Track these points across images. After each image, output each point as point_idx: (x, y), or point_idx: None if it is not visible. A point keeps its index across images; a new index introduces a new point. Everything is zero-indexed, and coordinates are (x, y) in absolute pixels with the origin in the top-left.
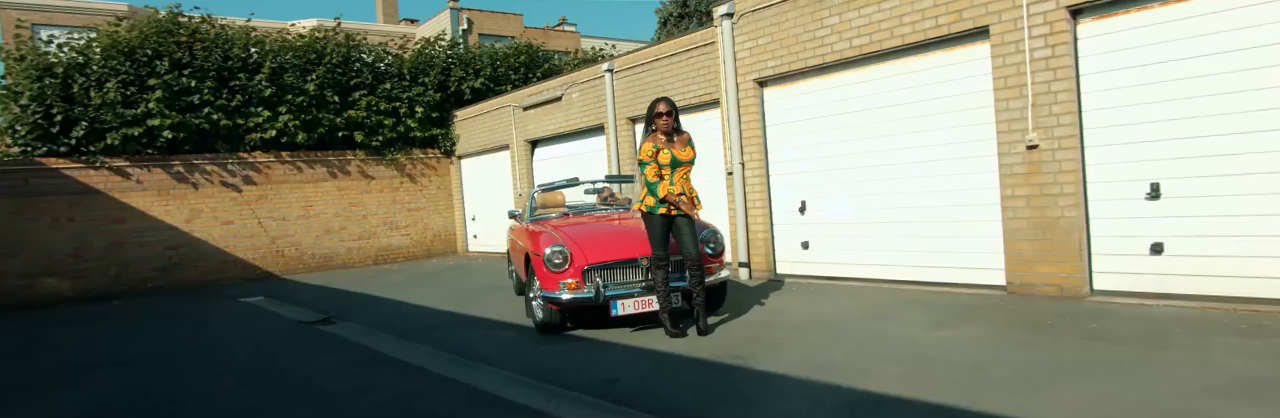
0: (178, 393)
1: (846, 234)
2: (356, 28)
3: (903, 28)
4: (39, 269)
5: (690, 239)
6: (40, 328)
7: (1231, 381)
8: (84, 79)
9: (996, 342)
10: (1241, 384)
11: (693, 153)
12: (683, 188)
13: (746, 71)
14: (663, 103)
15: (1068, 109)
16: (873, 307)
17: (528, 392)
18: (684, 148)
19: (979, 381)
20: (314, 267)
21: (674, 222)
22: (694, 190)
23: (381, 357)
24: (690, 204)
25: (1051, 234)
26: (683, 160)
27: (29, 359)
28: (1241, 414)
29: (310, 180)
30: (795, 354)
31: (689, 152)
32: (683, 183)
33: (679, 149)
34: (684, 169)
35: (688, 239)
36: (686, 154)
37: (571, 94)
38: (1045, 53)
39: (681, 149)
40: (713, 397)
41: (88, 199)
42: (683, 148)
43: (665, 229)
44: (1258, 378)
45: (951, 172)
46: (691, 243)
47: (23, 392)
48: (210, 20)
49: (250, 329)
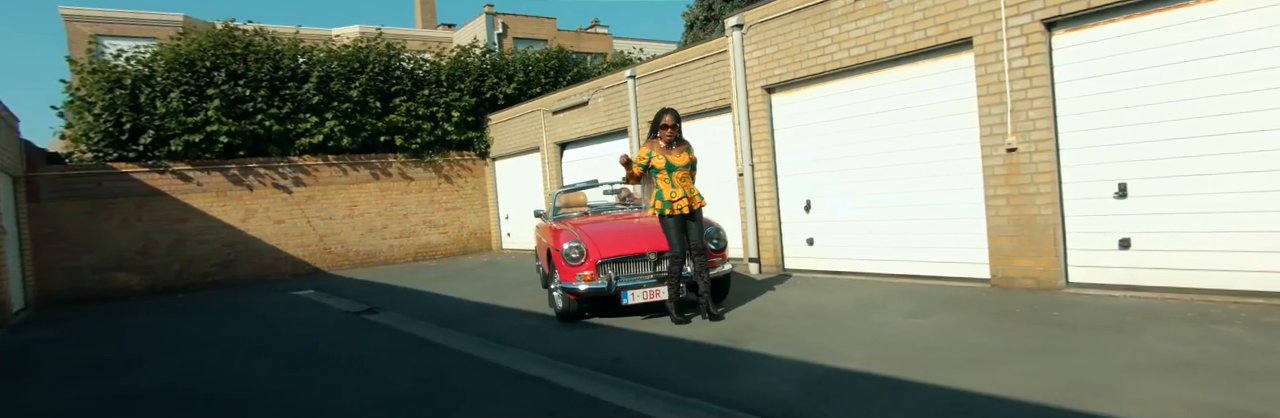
0: (238, 372)
1: (848, 231)
2: (396, 33)
3: (895, 39)
4: (111, 265)
5: (696, 234)
6: (116, 318)
7: (1152, 360)
8: (150, 90)
9: (962, 328)
10: (1159, 363)
11: (688, 158)
12: (685, 190)
13: (756, 79)
14: (668, 115)
15: (1043, 115)
16: (864, 298)
17: (545, 369)
18: (680, 154)
19: (933, 360)
20: (358, 263)
21: (687, 218)
22: (694, 190)
23: (420, 341)
24: (684, 204)
25: (1029, 231)
26: (677, 165)
27: (109, 345)
28: (1146, 387)
29: (354, 182)
30: (781, 338)
31: (684, 157)
32: (683, 184)
33: (674, 155)
34: (680, 173)
35: (693, 234)
36: (681, 159)
37: (597, 99)
38: (1022, 63)
39: (678, 155)
40: (699, 371)
41: (154, 201)
42: (679, 154)
43: (680, 227)
44: (1176, 358)
45: (941, 172)
46: (697, 236)
47: (105, 371)
48: (262, 32)
49: (302, 318)
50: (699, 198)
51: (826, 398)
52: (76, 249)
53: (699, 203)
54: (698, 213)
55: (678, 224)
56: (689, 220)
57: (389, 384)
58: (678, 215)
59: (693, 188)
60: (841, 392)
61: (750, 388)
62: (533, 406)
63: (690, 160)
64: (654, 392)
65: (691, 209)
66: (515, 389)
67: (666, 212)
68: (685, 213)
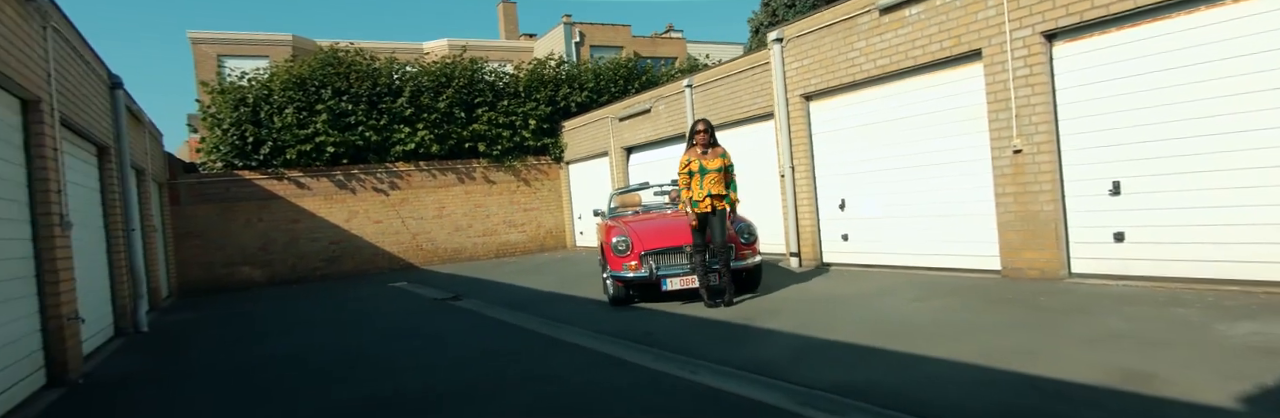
0: (345, 342)
1: (878, 228)
2: (480, 45)
3: (915, 50)
4: (237, 260)
5: (718, 231)
6: (244, 303)
7: (1093, 334)
8: (268, 107)
9: (952, 310)
10: (1096, 336)
11: (721, 162)
12: (709, 190)
13: (794, 88)
14: (701, 123)
15: (1045, 119)
16: (881, 287)
17: (588, 340)
18: (713, 159)
19: (911, 334)
20: (446, 259)
21: (709, 217)
22: (722, 190)
23: (493, 321)
24: (707, 204)
25: (1033, 226)
26: (709, 169)
27: (242, 323)
28: (1068, 353)
29: (442, 185)
30: (790, 318)
31: (716, 161)
32: (711, 186)
33: (708, 160)
34: (712, 176)
35: (717, 231)
36: (713, 164)
37: (658, 106)
38: (1025, 72)
39: (711, 160)
40: (713, 342)
41: (272, 204)
42: (712, 159)
43: (702, 224)
44: (1113, 332)
45: (958, 173)
46: (719, 233)
47: (244, 342)
48: (361, 53)
49: (397, 304)
50: (723, 201)
51: (805, 360)
52: (209, 246)
53: (722, 205)
54: (721, 213)
55: (700, 222)
56: (712, 219)
57: (462, 349)
58: (702, 214)
59: (721, 189)
60: (819, 356)
61: (749, 353)
62: (571, 363)
63: (722, 165)
64: (670, 356)
65: (714, 209)
66: (560, 353)
67: (697, 210)
68: (709, 212)
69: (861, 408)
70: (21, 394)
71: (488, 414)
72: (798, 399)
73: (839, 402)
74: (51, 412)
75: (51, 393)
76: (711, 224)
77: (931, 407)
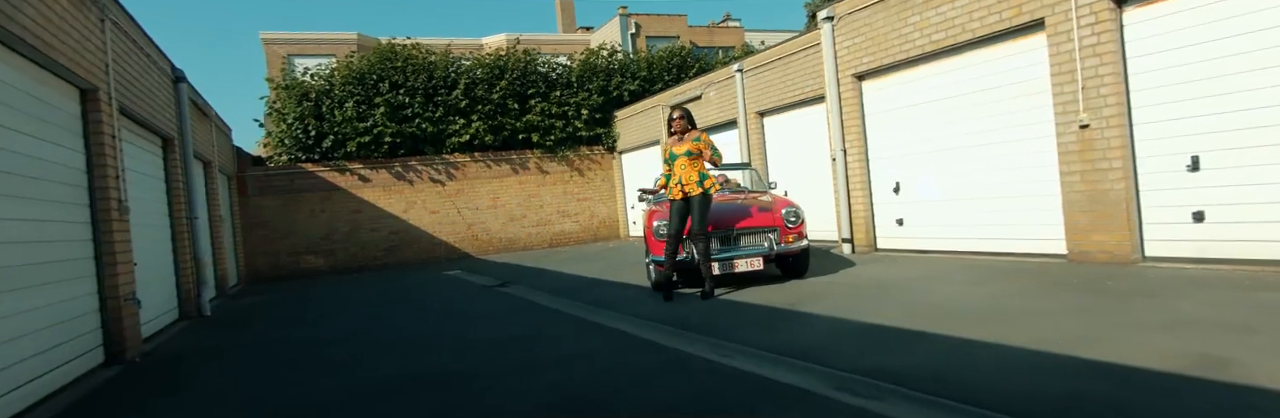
0: (399, 324)
1: (935, 211)
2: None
3: (972, 23)
4: (302, 249)
5: (698, 216)
6: (307, 289)
7: (1164, 319)
8: (329, 101)
9: (1008, 295)
10: (1167, 321)
11: (689, 146)
12: (680, 176)
13: (846, 67)
14: (676, 110)
15: (1114, 91)
16: (935, 272)
17: (626, 324)
18: (684, 143)
19: (961, 318)
20: (500, 249)
21: (689, 203)
22: (693, 177)
23: (536, 305)
24: (678, 190)
25: (1102, 206)
26: (678, 153)
27: (305, 306)
28: (1135, 338)
29: (497, 176)
30: (833, 303)
31: (684, 145)
32: (681, 171)
33: (678, 145)
34: (682, 161)
35: (696, 216)
36: (681, 148)
37: (709, 92)
38: (1092, 40)
39: (680, 145)
40: (750, 327)
41: (334, 195)
42: (683, 144)
43: (681, 211)
44: (1187, 317)
45: (1019, 151)
46: (699, 220)
47: (305, 323)
48: (418, 47)
49: (449, 291)
50: (697, 185)
51: (844, 344)
52: (275, 236)
53: (696, 190)
54: (700, 199)
55: (678, 209)
56: (691, 205)
57: (504, 329)
58: (679, 201)
59: (692, 174)
60: (860, 340)
61: (786, 337)
62: (607, 345)
63: (690, 149)
64: (704, 339)
65: (686, 194)
66: (597, 336)
67: (670, 196)
68: (684, 198)
69: (902, 393)
70: (78, 370)
71: (514, 389)
72: (834, 384)
73: (878, 387)
74: (104, 389)
75: (108, 370)
76: (694, 209)
77: (981, 392)
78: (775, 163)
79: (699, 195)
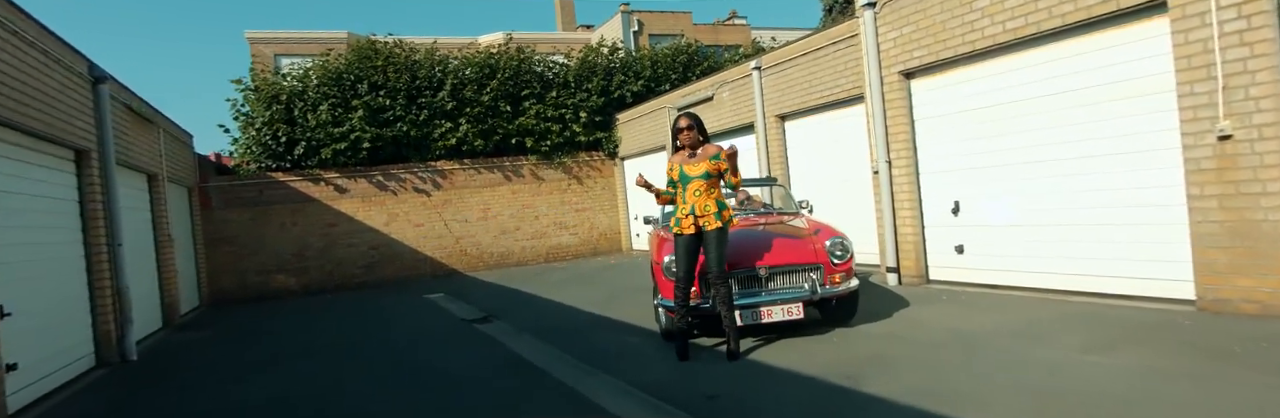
0: (344, 387)
1: (1006, 238)
2: (534, 37)
3: (1064, 5)
4: (272, 267)
5: (714, 254)
6: (264, 320)
7: None
8: (303, 104)
9: (1158, 374)
10: None
11: (708, 167)
12: (693, 205)
13: (891, 63)
14: (685, 118)
15: (1271, 91)
16: (1025, 322)
17: (628, 403)
18: (699, 162)
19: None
20: (492, 264)
21: (701, 238)
22: (709, 207)
23: (515, 359)
24: (690, 223)
25: (1252, 241)
26: (692, 176)
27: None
28: None
29: (487, 185)
30: (912, 377)
31: (701, 166)
32: (696, 198)
33: (692, 165)
34: (697, 185)
35: (712, 254)
36: (698, 169)
37: (722, 93)
38: (1239, 25)
39: (695, 164)
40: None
41: (307, 207)
42: (698, 162)
43: (691, 248)
44: None
45: (1125, 167)
46: (715, 258)
47: (226, 380)
48: (401, 44)
49: (422, 323)
50: (715, 218)
51: None
52: (243, 252)
53: (714, 224)
54: (716, 233)
55: (687, 245)
56: (705, 241)
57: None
58: (688, 235)
59: (708, 203)
60: None
61: None
62: None
63: (709, 170)
64: None
65: (699, 229)
66: None
67: (676, 230)
68: (693, 233)
69: None
70: None
71: None
72: None
73: None
74: None
75: None
76: (708, 245)
77: None
78: (798, 175)
79: (715, 230)
